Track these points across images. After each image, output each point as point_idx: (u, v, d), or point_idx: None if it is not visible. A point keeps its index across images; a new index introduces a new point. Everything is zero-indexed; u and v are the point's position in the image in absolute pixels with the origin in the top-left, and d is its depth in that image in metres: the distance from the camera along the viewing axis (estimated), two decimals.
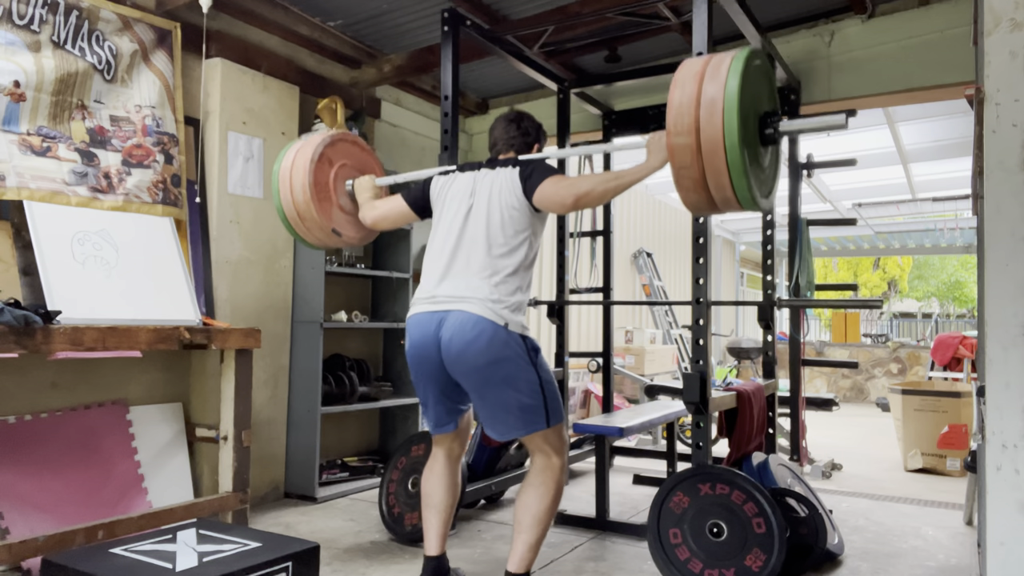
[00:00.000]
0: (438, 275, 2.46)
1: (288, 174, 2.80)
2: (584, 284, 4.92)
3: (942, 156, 6.97)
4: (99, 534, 2.56)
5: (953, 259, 21.59)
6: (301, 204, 2.77)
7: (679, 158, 1.99)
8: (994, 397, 1.73)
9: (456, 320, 2.34)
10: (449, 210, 2.53)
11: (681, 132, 1.96)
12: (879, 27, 4.06)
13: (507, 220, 2.42)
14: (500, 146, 2.67)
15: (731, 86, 1.92)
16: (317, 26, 4.07)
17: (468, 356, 2.32)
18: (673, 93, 2.00)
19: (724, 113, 1.91)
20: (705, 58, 2.05)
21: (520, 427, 2.39)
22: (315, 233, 2.84)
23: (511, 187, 2.43)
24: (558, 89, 4.58)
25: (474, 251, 2.42)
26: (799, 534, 2.85)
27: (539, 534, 2.41)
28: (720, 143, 1.91)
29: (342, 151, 2.92)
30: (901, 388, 5.38)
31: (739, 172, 1.93)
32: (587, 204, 2.36)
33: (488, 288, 2.36)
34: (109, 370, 3.24)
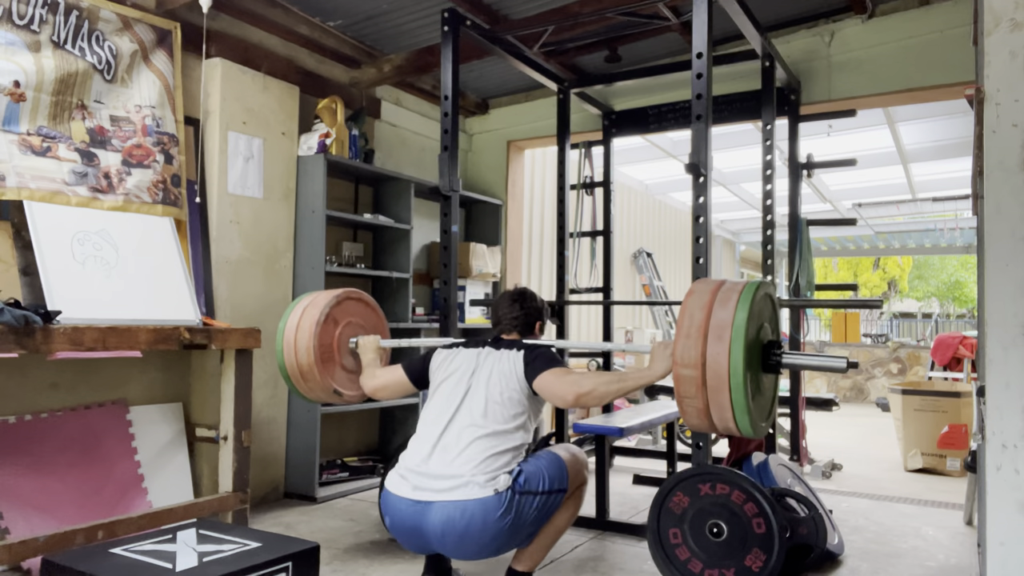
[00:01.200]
0: (427, 448, 2.36)
1: (293, 335, 2.82)
2: (584, 284, 4.92)
3: (942, 156, 6.97)
4: (99, 534, 2.56)
5: (953, 259, 21.58)
6: (304, 366, 2.80)
7: (684, 388, 2.06)
8: (994, 397, 1.73)
9: (441, 516, 2.23)
10: (448, 384, 2.50)
11: (688, 365, 2.03)
12: (879, 27, 4.06)
13: (505, 401, 2.40)
14: (504, 325, 2.69)
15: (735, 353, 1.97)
16: (317, 26, 4.07)
17: (469, 545, 2.25)
18: (682, 319, 2.08)
19: (731, 354, 1.97)
20: (713, 288, 2.12)
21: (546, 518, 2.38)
22: (316, 392, 2.88)
23: (513, 370, 2.44)
24: (558, 89, 4.59)
25: (467, 427, 2.36)
26: (799, 534, 2.85)
27: (553, 540, 2.46)
28: (725, 382, 1.98)
29: (348, 309, 2.96)
30: (901, 388, 5.38)
31: (743, 409, 2.00)
32: (586, 403, 2.36)
33: (473, 464, 2.27)
34: (109, 370, 3.24)
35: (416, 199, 4.56)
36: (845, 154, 5.94)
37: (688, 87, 4.27)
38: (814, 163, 4.31)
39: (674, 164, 7.42)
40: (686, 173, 2.88)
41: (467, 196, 5.05)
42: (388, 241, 4.59)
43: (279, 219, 3.94)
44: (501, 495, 2.23)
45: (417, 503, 2.27)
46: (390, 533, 2.44)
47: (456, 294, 3.51)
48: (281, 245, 3.96)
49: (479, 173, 5.54)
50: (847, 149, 6.53)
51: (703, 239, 2.90)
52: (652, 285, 8.95)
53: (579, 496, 2.51)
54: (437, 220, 4.74)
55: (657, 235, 9.78)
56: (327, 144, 4.02)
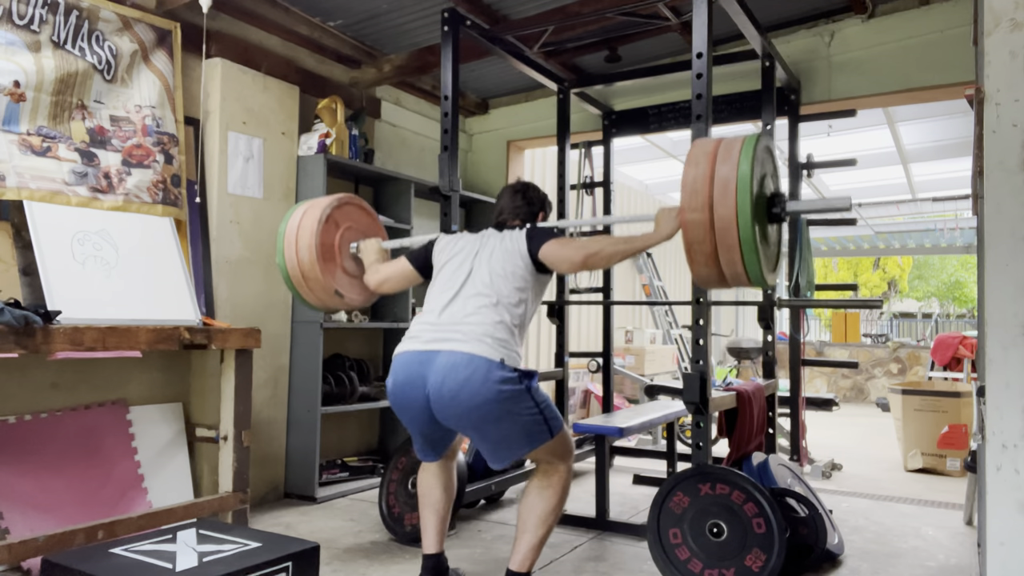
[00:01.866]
0: (434, 314, 2.43)
1: (294, 234, 2.81)
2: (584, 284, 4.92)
3: (942, 156, 6.97)
4: (99, 534, 2.56)
5: (953, 259, 21.58)
6: (306, 265, 2.79)
7: (692, 233, 2.07)
8: (994, 397, 1.73)
9: (447, 361, 2.26)
10: (451, 265, 2.53)
11: (695, 208, 2.06)
12: (879, 27, 4.06)
13: (508, 275, 2.42)
14: (506, 215, 2.70)
15: (743, 169, 2.02)
16: (317, 26, 4.07)
17: (463, 398, 2.24)
18: (687, 170, 2.10)
19: (737, 192, 2.00)
20: (716, 140, 2.15)
21: (525, 447, 2.37)
22: (317, 294, 2.86)
23: (516, 246, 2.46)
24: (558, 89, 4.58)
25: (472, 299, 2.40)
26: (799, 534, 2.85)
27: (543, 535, 2.42)
28: (733, 220, 2.01)
29: (348, 214, 2.94)
30: (901, 388, 5.39)
31: (750, 248, 2.02)
32: (594, 265, 2.37)
33: (484, 327, 2.32)
34: (109, 370, 3.24)
35: (416, 199, 4.56)
36: (845, 154, 5.95)
37: (688, 87, 4.27)
38: (814, 163, 4.31)
39: (674, 164, 7.42)
40: None
41: (467, 196, 5.05)
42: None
43: (279, 219, 3.94)
44: (508, 369, 2.26)
45: (424, 351, 2.33)
46: (390, 395, 2.42)
47: None
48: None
49: (479, 173, 5.54)
50: (847, 149, 6.53)
51: None
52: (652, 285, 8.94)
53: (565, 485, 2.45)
54: (437, 220, 4.74)
55: None
56: (327, 144, 4.02)
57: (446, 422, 2.36)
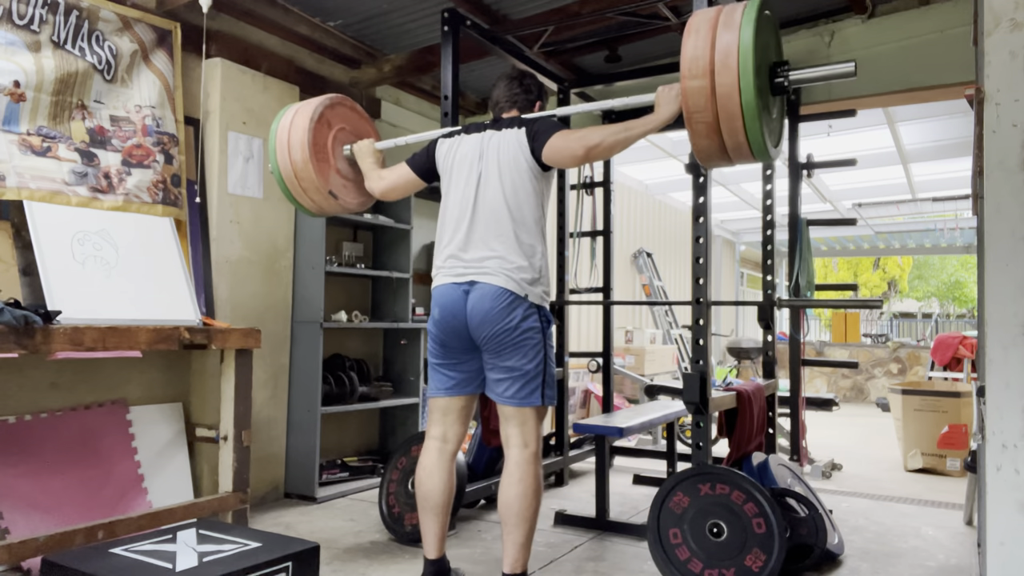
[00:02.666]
0: (458, 243, 2.50)
1: (287, 133, 2.76)
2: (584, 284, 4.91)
3: (942, 156, 6.97)
4: (99, 534, 2.56)
5: (953, 259, 21.58)
6: (299, 164, 2.74)
7: (693, 101, 2.01)
8: (994, 397, 1.73)
9: (479, 291, 2.42)
10: (459, 176, 2.55)
11: (696, 75, 1.99)
12: (879, 27, 4.06)
13: (519, 182, 2.45)
14: (502, 104, 2.67)
15: (745, 33, 1.95)
16: (317, 26, 4.07)
17: (487, 322, 2.40)
18: (687, 39, 2.03)
19: (739, 56, 1.94)
20: (716, 8, 2.08)
21: (517, 396, 2.44)
22: (311, 195, 2.81)
23: (519, 147, 2.45)
24: (558, 89, 4.58)
25: (491, 218, 2.46)
26: (799, 534, 2.85)
27: (527, 531, 2.39)
28: (735, 85, 1.94)
29: (340, 115, 2.90)
30: (901, 388, 5.38)
31: (753, 116, 1.95)
32: (597, 156, 2.37)
33: (510, 256, 2.42)
34: (109, 370, 3.24)
35: (416, 199, 4.56)
36: (845, 154, 5.95)
37: None
38: (814, 163, 4.31)
39: (674, 164, 7.42)
40: (686, 173, 2.88)
41: None
42: (388, 241, 4.59)
43: (279, 219, 3.94)
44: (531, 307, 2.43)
45: (461, 283, 2.46)
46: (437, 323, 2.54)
47: None
48: (281, 245, 3.96)
49: None
50: (847, 149, 6.53)
51: (703, 239, 2.89)
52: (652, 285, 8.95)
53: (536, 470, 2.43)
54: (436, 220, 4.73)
55: (657, 235, 9.77)
56: None
57: (480, 341, 2.46)
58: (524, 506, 2.38)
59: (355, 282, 4.61)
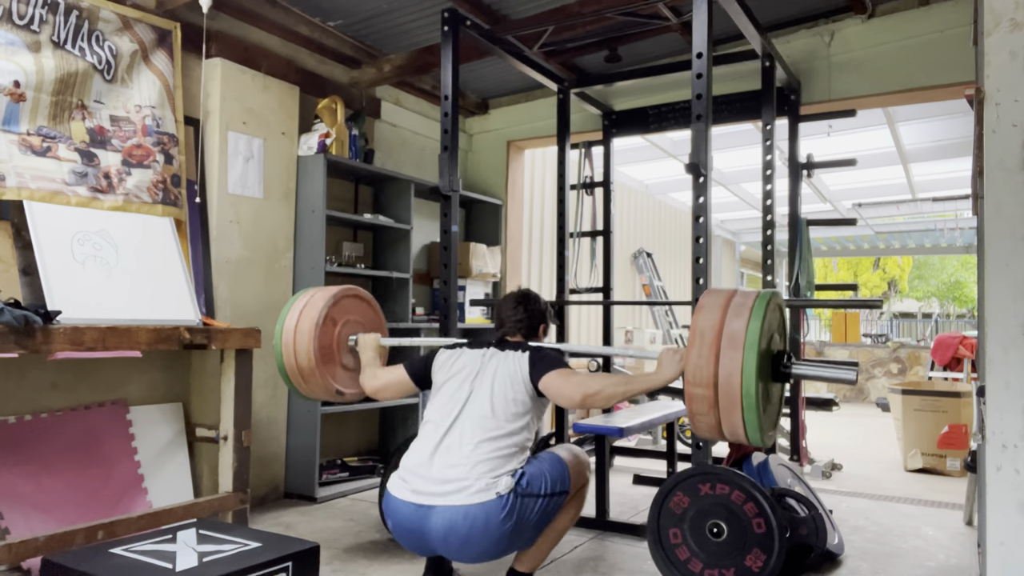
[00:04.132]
0: (429, 450, 2.35)
1: (292, 338, 2.80)
2: (584, 284, 4.92)
3: (942, 156, 6.97)
4: (99, 534, 2.56)
5: (953, 259, 21.58)
6: (305, 369, 2.79)
7: (696, 407, 2.07)
8: (994, 397, 1.73)
9: (444, 519, 2.22)
10: (451, 384, 2.50)
11: (699, 384, 2.05)
12: (879, 27, 4.06)
13: (510, 402, 2.39)
14: (507, 327, 2.69)
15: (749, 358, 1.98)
16: (317, 26, 4.07)
17: (471, 546, 2.24)
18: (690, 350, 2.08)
19: (743, 379, 1.98)
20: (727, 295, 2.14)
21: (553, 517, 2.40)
22: (317, 392, 2.88)
23: (518, 368, 2.44)
24: (558, 89, 4.59)
25: (471, 430, 2.35)
26: (799, 534, 2.85)
27: (554, 542, 2.47)
28: (738, 404, 2.00)
29: (346, 307, 2.94)
30: (901, 388, 5.38)
31: (754, 426, 2.03)
32: (592, 404, 2.36)
33: (479, 464, 2.26)
34: (109, 370, 3.24)
35: (416, 199, 4.56)
36: (845, 154, 5.94)
37: (688, 87, 4.27)
38: (814, 163, 4.31)
39: (674, 164, 7.42)
40: (686, 173, 2.88)
41: (467, 196, 5.05)
42: (388, 241, 4.58)
43: (279, 219, 3.94)
44: (503, 498, 2.22)
45: (420, 507, 2.25)
46: (393, 535, 2.43)
47: (456, 294, 3.51)
48: (281, 245, 3.96)
49: (479, 173, 5.54)
50: (847, 149, 6.53)
51: (703, 239, 2.90)
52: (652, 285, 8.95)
53: (581, 497, 2.51)
54: (437, 220, 4.74)
55: (657, 235, 9.77)
56: (327, 144, 4.02)
57: (468, 563, 2.41)
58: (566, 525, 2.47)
59: (355, 282, 4.60)
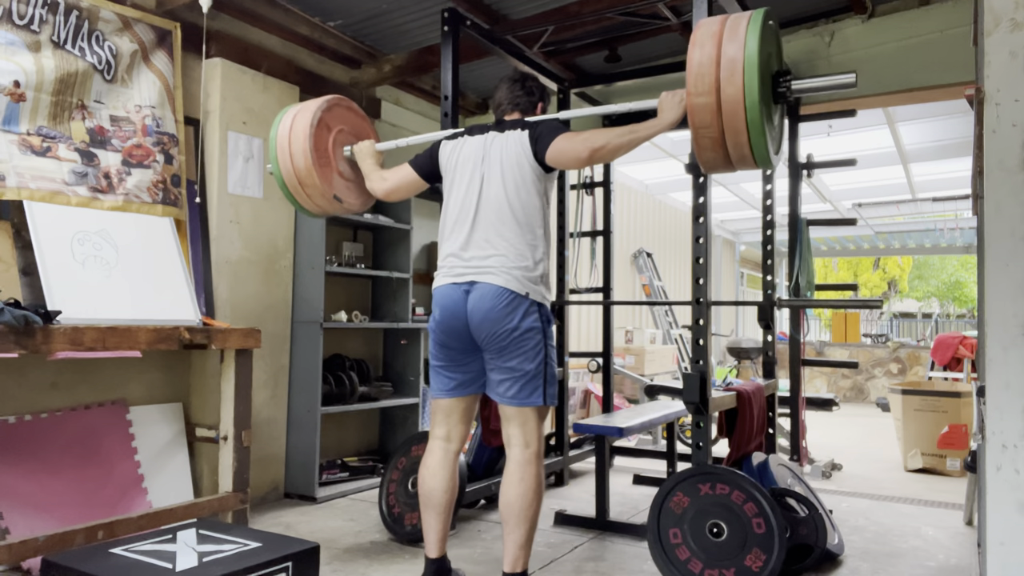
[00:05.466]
0: (459, 243, 2.50)
1: (287, 140, 2.76)
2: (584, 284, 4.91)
3: (942, 156, 6.97)
4: (99, 534, 2.56)
5: (953, 259, 21.58)
6: (302, 170, 2.74)
7: (699, 117, 2.03)
8: (994, 397, 1.73)
9: (479, 291, 2.41)
10: (462, 177, 2.55)
11: (702, 92, 2.00)
12: (879, 27, 4.06)
13: (521, 182, 2.45)
14: (505, 107, 2.67)
15: (750, 47, 1.96)
16: (317, 26, 4.07)
17: (488, 323, 2.40)
18: (692, 53, 2.04)
19: (745, 74, 1.95)
20: (721, 18, 2.08)
21: (519, 396, 2.44)
22: (316, 200, 2.82)
23: (522, 149, 2.46)
24: (558, 89, 4.58)
25: (493, 217, 2.46)
26: (799, 534, 2.85)
27: (527, 531, 2.39)
28: (740, 103, 1.96)
29: (338, 116, 2.89)
30: (901, 388, 5.38)
31: (758, 131, 1.98)
32: (601, 158, 2.38)
33: (511, 254, 2.42)
34: (109, 370, 3.24)
35: (416, 199, 4.56)
36: (845, 154, 5.95)
37: None
38: (814, 163, 4.31)
39: (674, 164, 7.42)
40: (686, 173, 2.88)
41: None
42: (388, 241, 4.58)
43: (279, 219, 3.95)
44: (531, 303, 2.42)
45: (461, 284, 2.46)
46: (435, 329, 2.55)
47: None
48: (281, 245, 3.96)
49: None
50: (847, 149, 6.53)
51: (703, 239, 2.89)
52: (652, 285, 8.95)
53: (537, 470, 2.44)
54: (437, 220, 4.73)
55: (657, 235, 9.78)
56: None
57: (481, 341, 2.46)
58: (525, 506, 2.38)
59: (355, 282, 4.61)
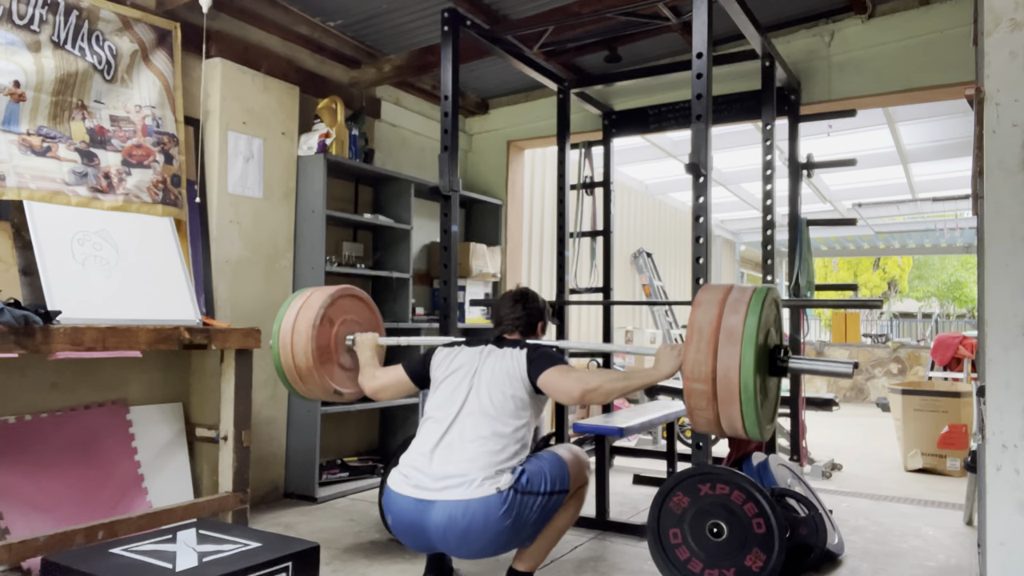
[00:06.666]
0: (429, 446, 2.35)
1: (289, 338, 2.78)
2: (584, 284, 4.92)
3: (942, 156, 6.97)
4: (99, 534, 2.56)
5: (953, 259, 21.57)
6: (303, 369, 2.78)
7: (695, 401, 2.08)
8: (994, 397, 1.73)
9: (444, 514, 2.21)
10: (450, 382, 2.49)
11: (698, 379, 2.05)
12: (879, 27, 4.06)
13: (508, 399, 2.39)
14: (505, 325, 2.68)
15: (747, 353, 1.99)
16: (317, 26, 4.07)
17: (471, 542, 2.23)
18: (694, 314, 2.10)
19: (740, 373, 1.99)
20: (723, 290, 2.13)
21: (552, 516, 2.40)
22: (315, 392, 2.87)
23: (516, 365, 2.44)
24: (558, 89, 4.58)
25: (471, 424, 2.35)
26: (799, 534, 2.85)
27: (554, 541, 2.46)
28: (736, 397, 2.01)
29: (343, 307, 2.92)
30: (901, 388, 5.38)
31: (752, 419, 2.03)
32: (592, 400, 2.36)
33: (479, 460, 2.27)
34: (109, 370, 3.24)
35: (416, 199, 4.56)
36: (845, 154, 5.94)
37: (688, 87, 4.27)
38: (814, 163, 4.31)
39: (674, 164, 7.42)
40: (686, 173, 2.88)
41: (467, 196, 5.05)
42: (388, 241, 4.59)
43: (279, 219, 3.95)
44: (503, 494, 2.22)
45: (419, 502, 2.24)
46: (392, 533, 2.43)
47: (456, 294, 3.51)
48: (281, 245, 3.96)
49: (479, 173, 5.54)
50: (847, 149, 6.53)
51: (703, 239, 2.89)
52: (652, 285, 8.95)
53: (580, 496, 2.51)
54: (437, 220, 4.74)
55: (657, 235, 9.77)
56: (327, 144, 4.02)
57: (467, 559, 2.40)
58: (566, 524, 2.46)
59: (355, 282, 4.60)
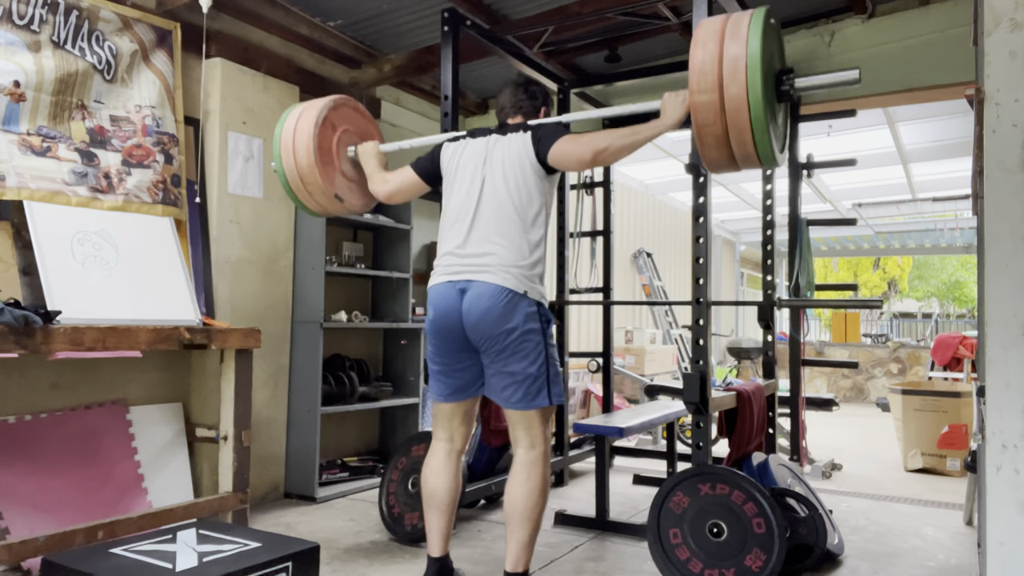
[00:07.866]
0: (458, 241, 2.48)
1: (291, 138, 2.77)
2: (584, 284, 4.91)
3: (942, 156, 6.97)
4: (99, 534, 2.56)
5: (953, 259, 21.58)
6: (304, 168, 2.75)
7: (702, 115, 2.02)
8: (994, 397, 1.73)
9: (476, 290, 2.38)
10: (463, 178, 2.54)
11: (704, 90, 2.00)
12: (879, 27, 4.06)
13: (522, 184, 2.44)
14: (507, 111, 2.68)
15: (753, 45, 1.95)
16: (317, 26, 4.07)
17: (485, 324, 2.37)
18: (694, 52, 2.04)
19: (747, 71, 1.95)
20: (722, 18, 2.08)
21: (524, 400, 2.41)
22: (317, 198, 2.83)
23: (524, 150, 2.45)
24: (558, 89, 4.58)
25: (493, 215, 2.44)
26: (799, 534, 2.85)
27: (531, 531, 2.40)
28: (744, 101, 1.96)
29: (344, 116, 2.90)
30: (901, 388, 5.38)
31: (762, 128, 1.97)
32: (604, 160, 2.38)
33: (510, 253, 2.40)
34: (109, 370, 3.24)
35: (416, 200, 4.55)
36: (845, 154, 5.95)
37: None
38: (814, 163, 4.31)
39: (674, 164, 7.42)
40: (686, 173, 2.88)
41: None
42: (388, 241, 4.58)
43: (279, 219, 3.95)
44: (528, 301, 2.38)
45: (456, 282, 2.42)
46: (430, 329, 2.52)
47: None
48: (281, 245, 3.96)
49: None
50: (847, 149, 6.53)
51: (703, 239, 2.89)
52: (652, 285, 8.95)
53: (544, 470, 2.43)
54: (437, 220, 4.73)
55: (657, 235, 9.78)
56: None
57: (477, 343, 2.43)
58: (530, 506, 2.38)
59: (355, 282, 4.61)
